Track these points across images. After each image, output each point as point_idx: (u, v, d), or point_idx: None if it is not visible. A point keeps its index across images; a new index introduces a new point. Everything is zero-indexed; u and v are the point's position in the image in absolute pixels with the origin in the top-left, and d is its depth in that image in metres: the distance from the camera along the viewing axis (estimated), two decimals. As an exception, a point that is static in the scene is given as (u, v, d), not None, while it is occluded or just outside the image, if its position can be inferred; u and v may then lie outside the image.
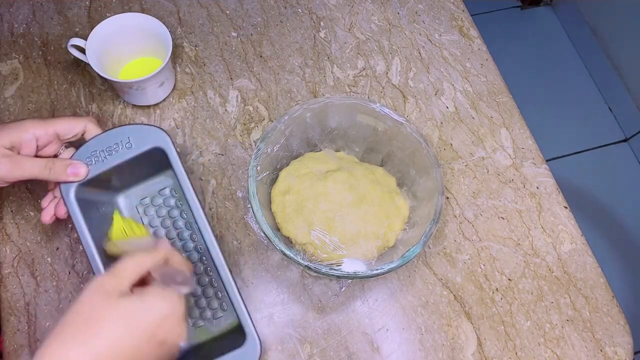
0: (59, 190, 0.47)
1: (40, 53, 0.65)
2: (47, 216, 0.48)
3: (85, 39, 0.57)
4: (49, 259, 0.54)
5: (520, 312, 0.55)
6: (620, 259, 1.41)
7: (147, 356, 0.37)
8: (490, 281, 0.56)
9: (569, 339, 0.54)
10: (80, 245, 0.54)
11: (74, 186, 0.47)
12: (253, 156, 0.51)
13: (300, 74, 0.67)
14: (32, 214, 0.55)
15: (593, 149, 1.58)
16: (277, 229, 0.53)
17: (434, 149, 0.63)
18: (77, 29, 0.67)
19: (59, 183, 0.47)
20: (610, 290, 0.57)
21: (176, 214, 0.54)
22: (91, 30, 0.57)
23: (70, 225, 0.55)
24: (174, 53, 0.66)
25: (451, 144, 0.64)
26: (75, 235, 0.54)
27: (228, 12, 0.70)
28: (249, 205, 0.50)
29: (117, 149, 0.48)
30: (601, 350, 0.54)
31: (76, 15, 0.68)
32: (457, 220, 0.59)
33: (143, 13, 0.61)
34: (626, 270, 1.39)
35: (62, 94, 0.62)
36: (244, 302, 0.47)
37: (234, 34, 0.69)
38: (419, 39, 0.71)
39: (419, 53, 0.70)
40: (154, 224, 0.54)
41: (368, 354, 0.52)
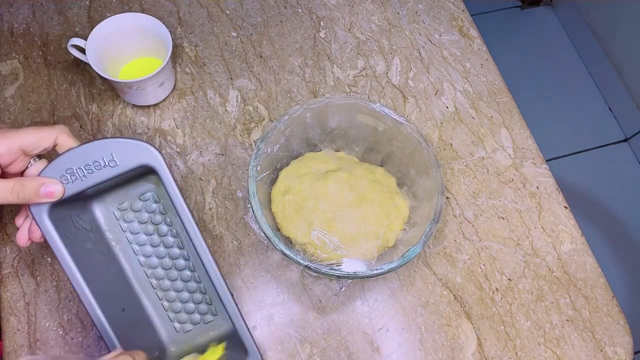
0: (30, 213, 0.41)
1: (40, 53, 0.65)
2: (23, 239, 0.42)
3: (85, 39, 0.57)
4: (49, 259, 0.54)
5: (520, 312, 0.55)
6: (620, 259, 1.41)
7: None
8: (490, 281, 0.56)
9: (569, 339, 0.54)
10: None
11: (46, 207, 0.41)
12: (253, 156, 0.51)
13: (300, 74, 0.67)
14: (32, 214, 0.55)
15: (593, 149, 1.58)
16: (277, 229, 0.53)
17: (434, 149, 0.63)
18: (77, 29, 0.67)
19: (29, 209, 0.41)
20: (610, 290, 0.57)
21: (159, 219, 0.50)
22: (91, 30, 0.57)
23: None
24: (174, 53, 0.66)
25: (451, 144, 0.64)
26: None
27: (228, 12, 0.70)
28: (249, 205, 0.50)
29: (99, 166, 0.42)
30: (601, 350, 0.54)
31: (76, 15, 0.68)
32: (457, 220, 0.59)
33: (143, 13, 0.61)
34: (626, 270, 1.39)
35: (62, 94, 0.62)
36: (241, 314, 0.46)
37: (234, 34, 0.69)
38: (419, 39, 0.71)
39: (419, 53, 0.70)
40: (135, 230, 0.49)
41: (368, 354, 0.52)
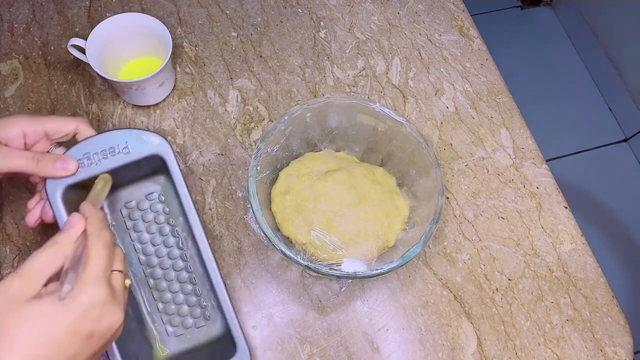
0: (45, 190, 0.45)
1: (40, 53, 0.65)
2: (33, 218, 0.46)
3: (85, 39, 0.57)
4: (49, 259, 0.54)
5: (520, 312, 0.55)
6: (620, 259, 1.41)
7: (77, 354, 0.33)
8: (490, 281, 0.56)
9: (569, 339, 0.54)
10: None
11: (61, 188, 0.45)
12: (253, 156, 0.51)
13: (300, 74, 0.67)
14: (32, 214, 0.55)
15: (593, 149, 1.58)
16: (277, 229, 0.53)
17: (434, 149, 0.63)
18: (77, 29, 0.67)
19: (45, 180, 0.45)
20: (610, 290, 0.57)
21: (162, 219, 0.52)
22: (91, 30, 0.57)
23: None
24: (174, 53, 0.66)
25: (451, 144, 0.64)
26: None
27: (228, 12, 0.70)
28: (249, 205, 0.50)
29: (114, 152, 0.46)
30: (601, 350, 0.54)
31: (76, 15, 0.68)
32: (457, 220, 0.59)
33: (143, 13, 0.61)
34: (626, 270, 1.39)
35: (62, 94, 0.62)
36: (235, 312, 0.47)
37: (234, 34, 0.69)
38: (419, 39, 0.71)
39: (419, 53, 0.70)
40: (139, 229, 0.52)
41: (368, 354, 0.52)
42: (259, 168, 0.50)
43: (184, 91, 0.64)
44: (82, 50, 0.57)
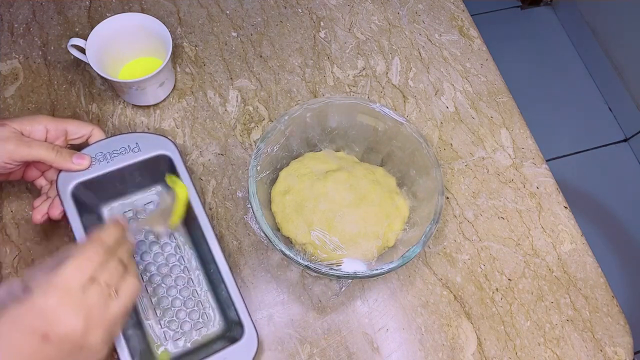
0: (56, 184, 0.48)
1: (40, 53, 0.65)
2: (39, 215, 0.49)
3: (85, 39, 0.57)
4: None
5: (520, 312, 0.55)
6: (620, 259, 1.41)
7: (37, 353, 0.35)
8: (490, 281, 0.56)
9: (569, 339, 0.54)
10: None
11: (73, 183, 0.48)
12: (253, 156, 0.51)
13: (300, 74, 0.67)
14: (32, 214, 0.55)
15: (593, 149, 1.58)
16: (277, 229, 0.53)
17: (434, 149, 0.63)
18: (77, 29, 0.67)
19: (57, 175, 0.48)
20: (610, 290, 0.57)
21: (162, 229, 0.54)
22: (91, 30, 0.57)
23: (70, 226, 0.55)
24: (174, 53, 0.66)
25: (451, 144, 0.64)
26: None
27: (228, 12, 0.70)
28: (249, 205, 0.50)
29: (125, 151, 0.50)
30: (601, 350, 0.54)
31: (76, 15, 0.68)
32: (457, 220, 0.59)
33: (143, 13, 0.61)
34: (626, 270, 1.39)
35: (62, 94, 0.62)
36: (242, 298, 0.48)
37: (234, 34, 0.69)
38: (419, 39, 0.71)
39: (419, 53, 0.70)
40: (137, 237, 0.54)
41: (368, 354, 0.52)
42: (259, 168, 0.50)
43: (184, 91, 0.64)
44: (82, 50, 0.57)
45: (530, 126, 0.66)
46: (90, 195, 0.51)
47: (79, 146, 0.51)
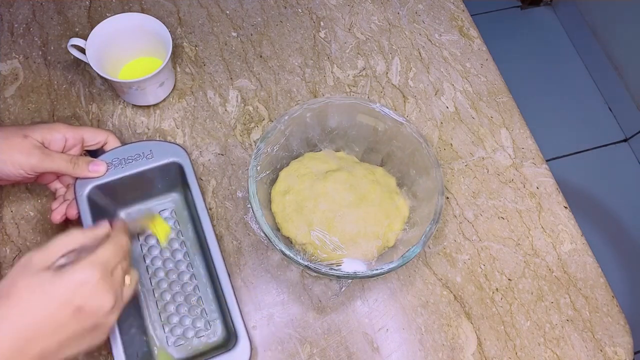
0: (74, 188, 0.50)
1: (40, 53, 0.65)
2: (58, 215, 0.51)
3: (85, 39, 0.57)
4: (49, 259, 0.54)
5: (520, 312, 0.55)
6: (620, 259, 1.41)
7: (66, 324, 0.37)
8: (490, 281, 0.56)
9: (569, 339, 0.54)
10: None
11: (89, 187, 0.50)
12: (253, 156, 0.51)
13: (300, 74, 0.67)
14: (32, 214, 0.55)
15: (593, 149, 1.58)
16: (277, 229, 0.53)
17: (434, 149, 0.63)
18: (77, 29, 0.67)
19: (75, 180, 0.50)
20: (610, 290, 0.57)
21: (173, 234, 0.55)
22: (91, 30, 0.57)
23: (70, 226, 0.55)
24: (174, 53, 0.66)
25: (451, 144, 0.64)
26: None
27: (228, 12, 0.70)
28: (249, 205, 0.50)
29: (139, 157, 0.52)
30: (601, 350, 0.54)
31: (76, 15, 0.68)
32: (457, 220, 0.59)
33: (143, 13, 0.61)
34: (626, 270, 1.39)
35: (62, 94, 0.62)
36: (239, 307, 0.48)
37: (234, 34, 0.69)
38: (419, 39, 0.71)
39: (419, 53, 0.70)
40: (149, 243, 0.55)
41: (368, 354, 0.52)
42: (259, 168, 0.50)
43: (184, 91, 0.64)
44: (82, 50, 0.57)
45: (530, 126, 0.66)
46: (106, 199, 0.52)
47: (94, 152, 0.53)
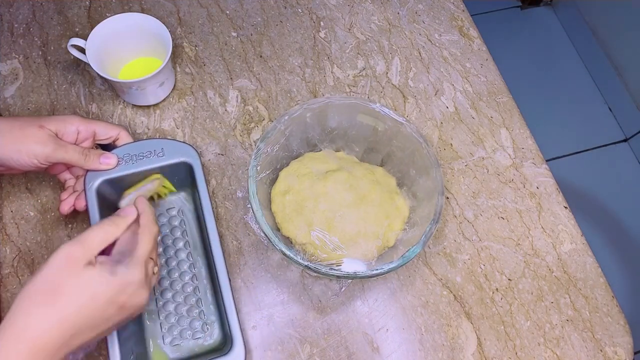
0: (84, 180, 0.51)
1: (40, 53, 0.65)
2: (67, 206, 0.52)
3: (85, 39, 0.57)
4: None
5: (520, 312, 0.55)
6: (620, 259, 1.41)
7: (108, 319, 0.40)
8: (490, 281, 0.56)
9: (569, 339, 0.54)
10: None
11: (99, 180, 0.50)
12: (253, 156, 0.51)
13: (300, 74, 0.67)
14: (32, 214, 0.55)
15: (593, 149, 1.58)
16: (277, 229, 0.53)
17: (434, 149, 0.63)
18: (77, 29, 0.67)
19: (86, 173, 0.51)
20: (610, 290, 0.57)
21: (178, 233, 0.55)
22: (91, 30, 0.57)
23: (70, 226, 0.55)
24: (174, 53, 0.66)
25: (451, 144, 0.64)
26: (75, 235, 0.54)
27: (228, 12, 0.70)
28: (249, 205, 0.50)
29: (150, 154, 0.52)
30: (601, 350, 0.54)
31: (76, 15, 0.68)
32: (457, 220, 0.59)
33: (143, 13, 0.61)
34: (626, 270, 1.39)
35: (62, 94, 0.62)
36: (236, 310, 0.48)
37: (234, 34, 0.69)
38: (419, 39, 0.71)
39: (419, 53, 0.70)
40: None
41: (368, 354, 0.52)
42: (259, 168, 0.50)
43: (184, 91, 0.64)
44: (82, 50, 0.57)
45: (530, 126, 0.66)
46: (114, 194, 0.52)
47: (106, 147, 0.54)
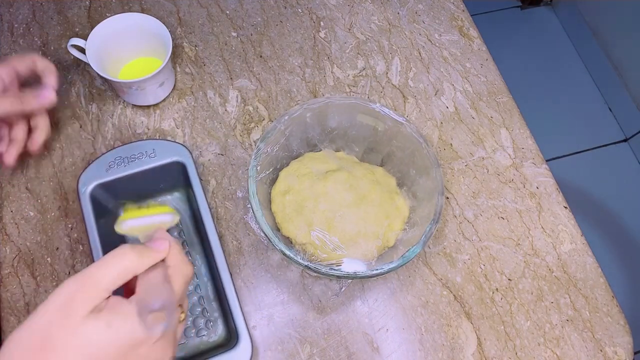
0: (76, 186, 0.50)
1: (40, 53, 0.65)
2: (10, 157, 0.50)
3: (85, 39, 0.57)
4: (49, 259, 0.54)
5: (520, 312, 0.55)
6: (620, 259, 1.41)
7: None
8: (490, 281, 0.56)
9: (569, 339, 0.54)
10: (81, 246, 0.54)
11: (92, 185, 0.50)
12: (253, 156, 0.51)
13: (300, 74, 0.67)
14: (32, 214, 0.55)
15: (593, 149, 1.58)
16: (277, 229, 0.53)
17: (434, 149, 0.63)
18: (77, 29, 0.67)
19: (79, 177, 0.50)
20: (610, 290, 0.57)
21: (175, 233, 0.55)
22: (91, 30, 0.57)
23: (70, 226, 0.55)
24: (174, 53, 0.66)
25: (451, 144, 0.64)
26: (75, 235, 0.54)
27: (228, 12, 0.70)
28: (249, 205, 0.50)
29: (142, 156, 0.52)
30: (601, 350, 0.54)
31: (76, 15, 0.68)
32: (457, 220, 0.59)
33: (143, 13, 0.61)
34: (626, 270, 1.39)
35: (62, 94, 0.62)
36: (240, 305, 0.48)
37: (234, 34, 0.69)
38: (419, 39, 0.71)
39: (419, 53, 0.70)
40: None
41: (368, 354, 0.52)
42: (259, 168, 0.50)
43: (184, 91, 0.64)
44: (82, 50, 0.57)
45: (530, 126, 0.66)
46: (109, 198, 0.52)
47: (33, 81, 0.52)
